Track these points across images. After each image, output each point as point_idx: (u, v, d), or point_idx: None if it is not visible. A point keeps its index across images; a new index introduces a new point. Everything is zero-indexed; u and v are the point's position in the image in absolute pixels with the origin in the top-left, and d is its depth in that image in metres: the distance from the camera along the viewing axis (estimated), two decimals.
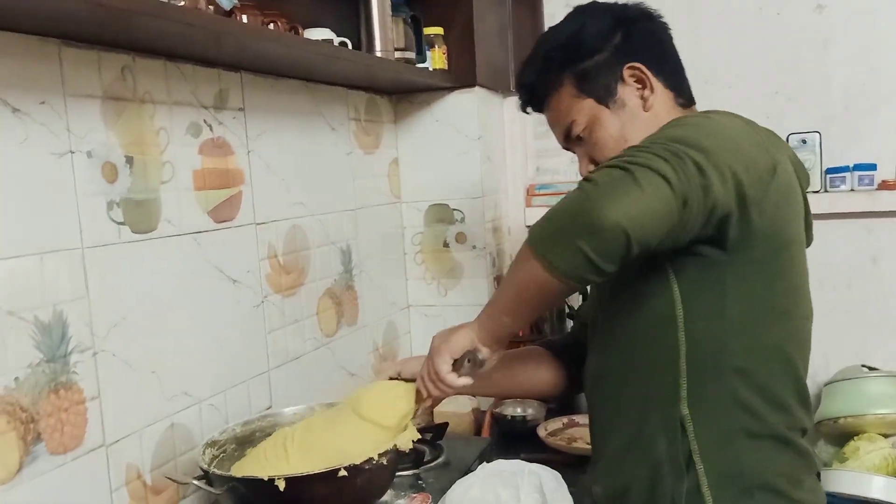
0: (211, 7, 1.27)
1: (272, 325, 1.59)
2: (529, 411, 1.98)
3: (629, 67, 1.18)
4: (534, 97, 1.26)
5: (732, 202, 0.96)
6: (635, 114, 1.19)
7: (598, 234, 0.90)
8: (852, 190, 2.12)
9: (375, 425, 1.18)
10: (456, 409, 1.83)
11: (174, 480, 1.20)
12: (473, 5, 2.03)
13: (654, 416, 1.10)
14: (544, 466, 1.32)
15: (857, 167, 2.11)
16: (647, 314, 1.10)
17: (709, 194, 0.93)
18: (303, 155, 1.70)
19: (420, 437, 1.21)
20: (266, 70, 1.57)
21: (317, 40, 1.53)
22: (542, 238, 0.96)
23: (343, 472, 1.08)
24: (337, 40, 1.65)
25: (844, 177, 2.11)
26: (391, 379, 1.35)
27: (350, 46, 1.67)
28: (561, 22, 1.26)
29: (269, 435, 1.30)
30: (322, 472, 1.08)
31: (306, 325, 1.71)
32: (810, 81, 2.16)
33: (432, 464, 1.53)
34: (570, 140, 1.24)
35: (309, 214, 1.72)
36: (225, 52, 1.40)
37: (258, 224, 1.55)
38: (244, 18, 1.40)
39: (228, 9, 1.30)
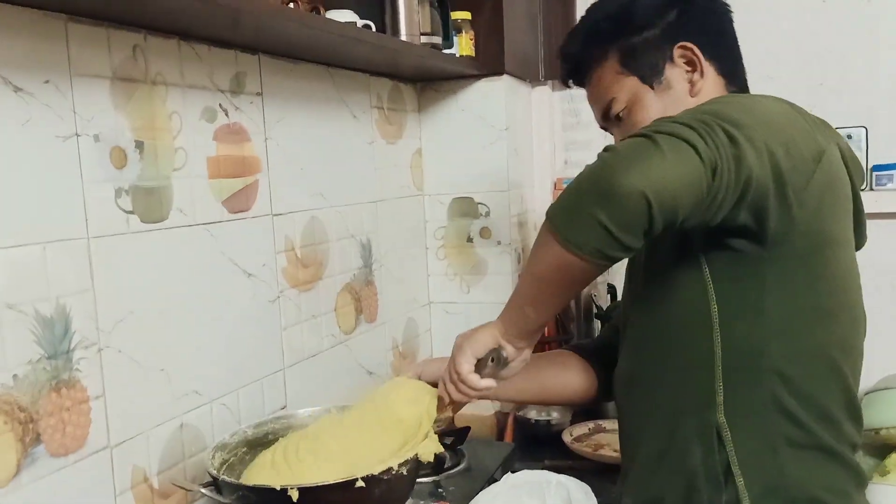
0: None
1: (288, 322, 1.51)
2: (554, 415, 1.90)
3: (680, 47, 1.10)
4: (576, 69, 1.19)
5: (769, 180, 0.88)
6: (680, 98, 1.11)
7: (615, 201, 0.82)
8: None
9: (396, 423, 1.10)
10: (478, 413, 1.75)
11: (181, 487, 1.14)
12: None
13: (689, 424, 1.03)
14: (572, 478, 1.25)
15: None
16: (680, 313, 1.02)
17: (741, 165, 0.85)
18: (323, 143, 1.63)
19: (442, 448, 1.13)
20: (286, 53, 1.49)
21: (339, 21, 1.45)
22: (558, 212, 0.88)
23: (360, 483, 1.01)
24: (360, 23, 1.58)
25: (892, 174, 2.01)
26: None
27: (374, 30, 1.59)
28: None
29: (282, 437, 1.23)
30: (338, 483, 1.01)
31: (324, 321, 1.63)
32: (856, 74, 2.05)
33: (453, 470, 1.46)
34: (608, 119, 1.17)
35: (328, 206, 1.65)
36: (243, 33, 1.32)
37: (275, 215, 1.48)
38: None
39: None
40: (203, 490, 1.08)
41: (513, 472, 1.27)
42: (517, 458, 1.61)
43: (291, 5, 1.39)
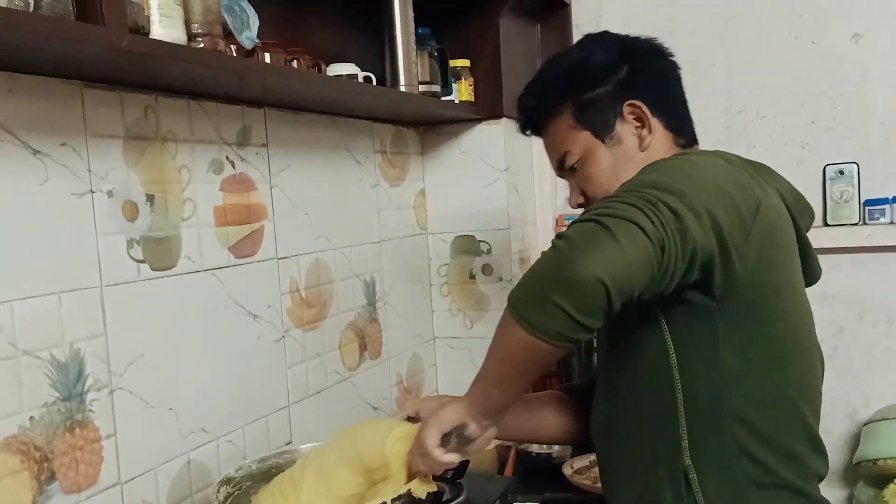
0: (233, 46, 1.29)
1: (293, 360, 1.58)
2: (555, 448, 1.94)
3: (629, 104, 1.16)
4: (532, 121, 1.26)
5: (713, 243, 0.94)
6: (630, 152, 1.17)
7: (575, 289, 0.87)
8: (892, 222, 2.05)
9: (376, 462, 1.15)
10: None
11: None
12: (500, 36, 2.03)
13: (660, 470, 1.07)
14: None
15: None
16: (643, 363, 1.07)
17: (686, 237, 0.90)
18: (327, 189, 1.71)
19: (436, 489, 1.18)
20: (290, 105, 1.58)
21: (339, 77, 1.54)
22: (520, 300, 0.92)
23: None
24: (362, 75, 1.66)
25: (884, 209, 2.05)
26: (409, 419, 1.34)
27: (374, 80, 1.67)
28: (569, 48, 1.26)
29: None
30: None
31: (328, 358, 1.70)
32: (848, 112, 2.11)
33: (451, 503, 1.50)
34: (563, 169, 1.23)
35: (332, 248, 1.72)
36: (249, 90, 1.41)
37: (280, 259, 1.55)
38: (267, 56, 1.42)
39: (250, 48, 1.31)
40: None
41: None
42: (518, 490, 1.65)
43: (294, 63, 1.48)
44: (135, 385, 1.21)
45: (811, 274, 1.20)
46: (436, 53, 1.90)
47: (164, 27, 1.07)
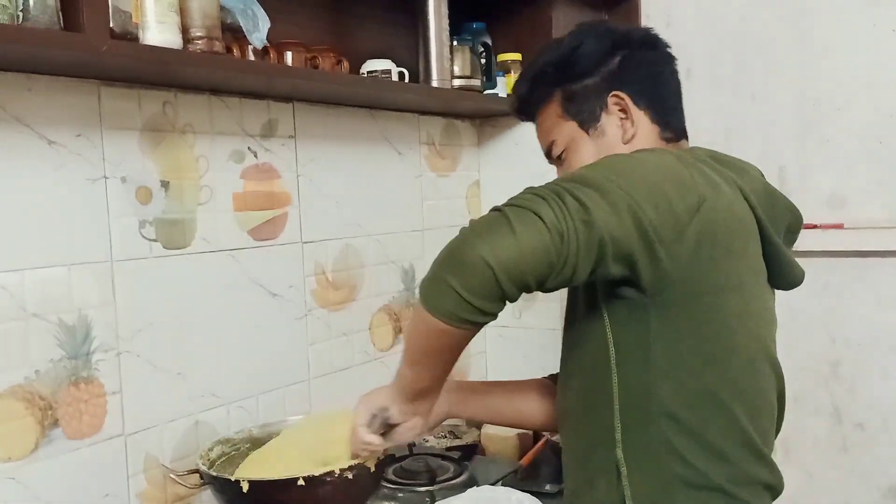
0: (246, 48, 1.41)
1: (315, 338, 1.70)
2: None
3: (614, 95, 1.17)
4: (523, 108, 1.28)
5: (633, 238, 0.94)
6: (612, 144, 1.18)
7: (464, 270, 0.92)
8: None
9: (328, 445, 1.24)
10: (500, 433, 1.84)
11: (164, 466, 1.34)
12: (553, 29, 2.04)
13: (596, 459, 1.10)
14: (530, 496, 1.33)
15: None
16: (588, 355, 1.10)
17: (592, 228, 0.92)
18: (360, 178, 1.80)
19: (382, 456, 1.25)
20: (321, 100, 1.68)
21: (360, 76, 1.63)
22: (424, 282, 0.98)
23: (301, 482, 1.16)
24: (396, 71, 1.74)
25: None
26: None
27: (407, 76, 1.75)
28: (564, 37, 1.25)
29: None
30: (281, 480, 1.17)
31: (356, 338, 1.80)
32: None
33: (449, 482, 1.57)
34: (550, 158, 1.25)
35: (365, 234, 1.82)
36: (276, 89, 1.53)
37: (305, 243, 1.67)
38: (288, 55, 1.53)
39: (261, 47, 1.42)
40: (171, 474, 1.29)
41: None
42: (522, 478, 1.68)
43: (323, 60, 1.58)
44: (142, 350, 1.36)
45: (783, 278, 1.16)
46: (480, 47, 1.94)
47: (159, 32, 1.20)
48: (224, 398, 1.51)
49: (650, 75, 1.19)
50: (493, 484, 1.53)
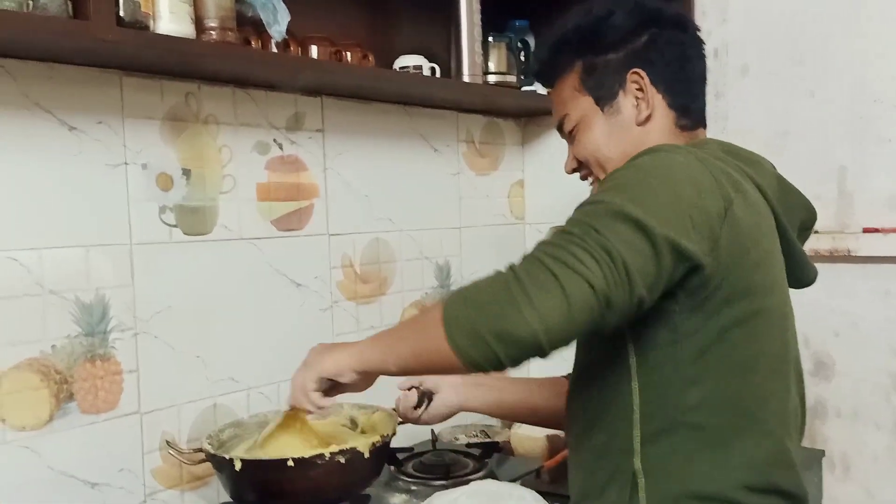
0: (268, 41, 1.45)
1: (341, 329, 1.71)
2: None
3: (633, 73, 1.12)
4: (542, 74, 1.23)
5: (676, 272, 0.92)
6: (625, 125, 1.13)
7: (514, 342, 0.87)
8: None
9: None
10: (530, 433, 1.81)
11: (168, 443, 1.36)
12: None
13: (608, 467, 1.05)
14: (533, 492, 1.30)
15: None
16: (603, 360, 1.05)
17: (634, 293, 0.89)
18: (393, 174, 1.82)
19: (378, 442, 1.25)
20: (350, 96, 1.71)
21: (384, 69, 1.64)
22: (458, 323, 0.91)
23: (291, 463, 1.17)
24: (427, 66, 1.75)
25: None
26: (412, 388, 1.42)
27: (439, 71, 1.75)
28: (593, 3, 1.18)
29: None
30: (272, 461, 1.19)
31: None
32: None
33: (463, 478, 1.55)
34: (562, 132, 1.21)
35: (397, 230, 1.83)
36: (299, 84, 1.56)
37: (332, 235, 1.69)
38: (314, 49, 1.57)
39: (280, 39, 1.45)
40: (170, 449, 1.32)
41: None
42: (540, 479, 1.64)
43: (348, 54, 1.61)
44: (160, 331, 1.41)
45: (796, 275, 1.11)
46: (519, 44, 1.93)
47: (171, 22, 1.25)
48: (244, 383, 1.54)
49: (675, 58, 1.13)
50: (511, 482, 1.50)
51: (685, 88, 1.15)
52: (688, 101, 1.15)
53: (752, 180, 1.03)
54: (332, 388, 1.14)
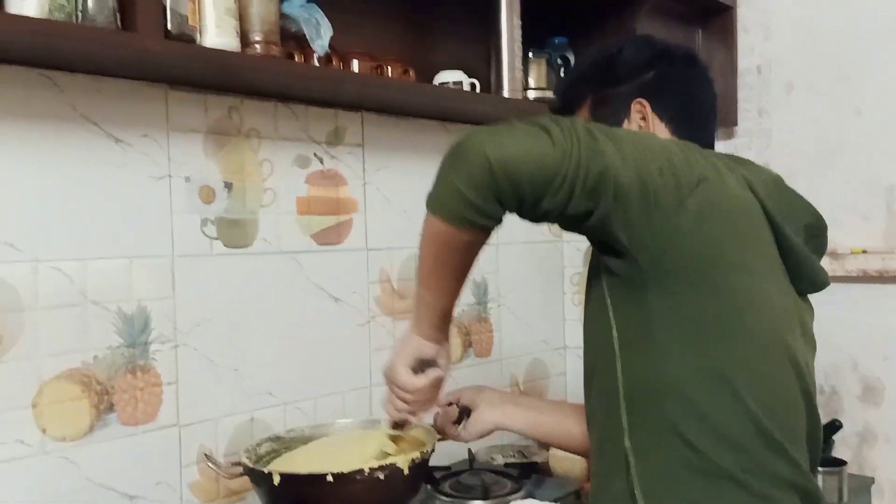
0: (311, 56, 1.45)
1: (379, 344, 1.70)
2: None
3: (636, 102, 1.16)
4: (563, 107, 1.27)
5: (634, 187, 0.92)
6: None
7: (464, 162, 0.91)
8: None
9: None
10: (568, 454, 1.77)
11: (207, 456, 1.35)
12: None
13: (608, 450, 1.05)
14: None
15: None
16: (596, 342, 1.07)
17: (598, 157, 0.90)
18: None
19: (418, 459, 1.23)
20: (389, 110, 1.71)
21: (423, 84, 1.64)
22: (434, 196, 0.97)
23: (330, 478, 1.16)
24: (467, 82, 1.75)
25: None
26: (451, 403, 1.40)
27: (478, 87, 1.75)
28: (609, 42, 1.27)
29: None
30: (311, 475, 1.17)
31: None
32: None
33: (501, 498, 1.52)
34: None
35: None
36: (345, 96, 1.56)
37: (370, 250, 1.69)
38: (355, 63, 1.57)
39: (322, 53, 1.46)
40: (209, 462, 1.31)
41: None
42: (581, 501, 1.61)
43: (389, 69, 1.61)
44: (200, 344, 1.41)
45: (802, 278, 1.10)
46: (559, 60, 1.92)
47: (217, 35, 1.26)
48: (281, 398, 1.53)
49: (682, 92, 1.18)
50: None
51: (688, 119, 1.18)
52: (693, 133, 1.17)
53: (741, 176, 1.05)
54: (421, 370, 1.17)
